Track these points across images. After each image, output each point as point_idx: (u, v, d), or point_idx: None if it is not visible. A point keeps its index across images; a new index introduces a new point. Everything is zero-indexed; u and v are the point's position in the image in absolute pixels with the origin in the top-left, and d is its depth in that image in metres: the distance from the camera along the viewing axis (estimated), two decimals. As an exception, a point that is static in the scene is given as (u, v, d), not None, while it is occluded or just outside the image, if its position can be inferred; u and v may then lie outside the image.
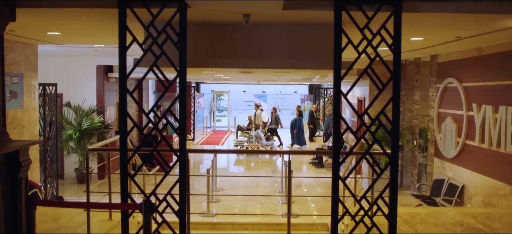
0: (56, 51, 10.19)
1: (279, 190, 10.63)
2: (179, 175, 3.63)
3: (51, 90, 8.93)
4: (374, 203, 3.59)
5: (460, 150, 7.47)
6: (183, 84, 3.52)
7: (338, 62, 3.45)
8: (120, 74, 3.50)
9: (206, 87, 30.46)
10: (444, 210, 6.17)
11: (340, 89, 3.46)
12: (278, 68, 4.35)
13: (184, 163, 3.65)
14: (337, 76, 3.45)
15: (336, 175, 3.50)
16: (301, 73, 6.06)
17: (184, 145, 3.61)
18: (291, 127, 17.97)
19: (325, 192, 10.74)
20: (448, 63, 8.01)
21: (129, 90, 3.55)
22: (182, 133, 3.53)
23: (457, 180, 7.59)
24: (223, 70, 5.63)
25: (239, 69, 5.27)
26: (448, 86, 7.97)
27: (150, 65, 3.50)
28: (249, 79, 17.31)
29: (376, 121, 3.53)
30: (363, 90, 12.52)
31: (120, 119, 3.62)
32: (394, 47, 3.47)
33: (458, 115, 7.59)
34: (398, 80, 3.49)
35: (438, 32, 5.27)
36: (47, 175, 9.09)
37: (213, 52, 4.26)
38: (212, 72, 6.07)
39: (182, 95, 3.52)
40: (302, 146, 17.34)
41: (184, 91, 3.53)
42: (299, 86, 30.39)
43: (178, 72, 3.49)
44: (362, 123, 3.51)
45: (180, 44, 3.47)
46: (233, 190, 10.79)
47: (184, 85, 3.52)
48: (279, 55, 4.21)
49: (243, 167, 14.58)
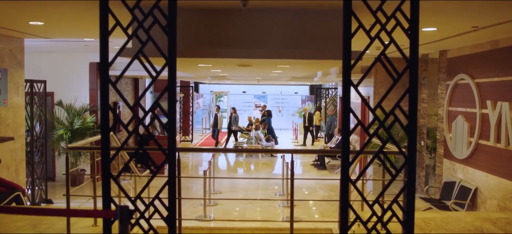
0: (47, 47, 9.83)
1: (280, 192, 10.25)
2: (168, 177, 3.25)
3: (40, 88, 8.55)
4: (389, 208, 3.21)
5: (472, 150, 7.09)
6: (172, 74, 3.15)
7: (347, 49, 3.07)
8: (101, 62, 3.12)
9: (205, 87, 30.15)
10: (459, 215, 5.79)
11: (349, 79, 3.09)
12: (278, 58, 3.99)
13: (174, 164, 3.27)
14: (347, 65, 3.07)
15: (346, 177, 3.12)
16: (303, 66, 5.67)
17: (174, 143, 3.24)
18: None
19: (328, 195, 10.36)
20: (459, 58, 7.64)
21: (111, 81, 3.18)
22: (171, 129, 3.16)
23: (469, 182, 7.21)
24: (220, 63, 5.25)
25: (237, 62, 4.90)
26: (459, 83, 7.60)
27: (135, 52, 3.13)
28: (249, 79, 16.94)
29: (391, 115, 3.15)
30: (367, 89, 12.13)
31: (102, 113, 3.25)
32: (411, 31, 3.10)
33: (471, 113, 7.21)
34: (416, 69, 3.12)
35: (454, 21, 4.91)
36: (37, 177, 8.72)
37: (207, 41, 3.89)
38: (208, 66, 5.69)
39: (171, 87, 3.15)
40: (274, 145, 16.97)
41: (174, 82, 3.16)
42: (300, 87, 30.08)
43: (167, 60, 3.12)
44: (375, 118, 3.14)
45: (169, 29, 3.10)
46: (231, 193, 10.41)
47: (174, 76, 3.15)
48: (280, 45, 3.85)
49: (242, 168, 14.20)
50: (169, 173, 3.29)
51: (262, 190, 10.88)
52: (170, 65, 3.15)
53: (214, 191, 10.16)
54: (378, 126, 3.22)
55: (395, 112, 3.20)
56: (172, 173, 3.30)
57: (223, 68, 6.84)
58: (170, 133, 3.20)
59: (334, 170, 13.58)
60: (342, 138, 3.07)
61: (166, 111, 3.16)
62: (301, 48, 3.84)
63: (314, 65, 5.01)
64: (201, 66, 5.63)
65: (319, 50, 3.85)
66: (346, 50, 3.12)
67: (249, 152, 16.15)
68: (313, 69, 6.33)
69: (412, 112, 3.23)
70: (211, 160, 9.64)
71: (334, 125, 17.42)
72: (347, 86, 3.12)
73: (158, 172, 3.29)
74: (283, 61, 4.58)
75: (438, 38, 6.41)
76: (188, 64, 5.26)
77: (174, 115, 3.30)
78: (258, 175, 13.07)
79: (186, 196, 10.04)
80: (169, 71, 3.15)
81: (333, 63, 4.69)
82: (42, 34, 6.54)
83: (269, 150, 15.05)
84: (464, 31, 5.65)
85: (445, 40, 6.84)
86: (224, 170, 13.87)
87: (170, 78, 3.16)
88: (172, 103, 3.24)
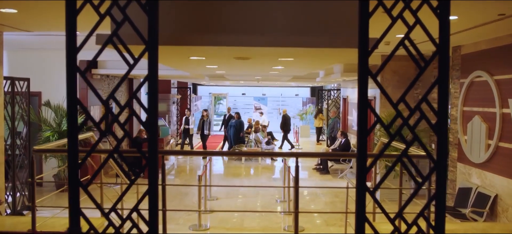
0: (36, 44, 9.37)
1: (281, 198, 9.75)
2: (149, 185, 2.76)
3: (22, 87, 8.05)
4: (414, 223, 2.72)
5: (491, 153, 6.60)
6: (153, 62, 2.66)
7: (364, 31, 2.59)
8: (67, 47, 2.63)
9: (204, 89, 29.74)
10: (484, 226, 5.30)
11: (367, 68, 2.60)
12: (282, 46, 3.50)
13: (155, 169, 2.77)
14: (363, 51, 2.59)
15: (363, 186, 2.64)
16: (308, 59, 5.16)
17: (155, 145, 2.74)
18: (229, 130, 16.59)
19: (331, 202, 9.86)
20: (475, 54, 7.16)
21: (80, 70, 2.69)
22: (151, 129, 2.67)
23: (487, 188, 6.71)
24: (214, 54, 4.76)
25: (233, 53, 4.42)
26: (475, 81, 7.12)
27: (109, 36, 2.65)
28: (248, 79, 16.43)
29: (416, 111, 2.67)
30: (373, 90, 11.65)
31: (68, 110, 2.76)
32: (441, 9, 2.63)
33: (489, 113, 6.72)
34: (446, 54, 2.64)
35: (478, 6, 4.43)
36: (21, 182, 8.22)
37: (199, 27, 3.41)
38: (201, 59, 5.20)
39: (152, 77, 2.66)
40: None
41: (155, 72, 2.66)
42: (301, 89, 29.67)
43: (147, 45, 2.63)
44: (397, 114, 2.66)
45: (149, 7, 2.62)
46: (229, 198, 9.91)
47: (155, 64, 2.65)
48: (284, 31, 3.36)
49: (241, 172, 13.69)
50: (150, 180, 2.78)
51: (262, 196, 10.39)
52: (151, 51, 2.65)
53: (210, 196, 9.66)
54: (401, 125, 2.73)
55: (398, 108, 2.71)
56: (153, 181, 2.79)
57: (219, 63, 6.34)
58: (151, 133, 2.70)
59: (337, 174, 13.07)
60: (358, 138, 2.58)
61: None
62: (308, 35, 3.36)
63: (322, 56, 4.51)
64: (193, 59, 5.14)
65: (329, 37, 3.36)
66: (363, 33, 2.62)
67: (246, 155, 15.61)
68: (319, 62, 5.82)
69: (442, 108, 2.73)
70: (207, 164, 9.14)
71: (337, 127, 16.94)
72: (364, 76, 2.62)
73: (136, 179, 2.81)
74: (286, 51, 4.08)
75: (457, 29, 5.93)
76: (178, 56, 4.78)
77: (155, 112, 2.80)
78: (258, 179, 12.56)
79: (180, 202, 9.55)
80: (150, 59, 2.65)
81: (344, 54, 4.18)
82: (19, 25, 6.06)
83: (270, 153, 14.52)
84: (488, 21, 5.18)
85: (461, 33, 6.37)
86: (222, 174, 13.36)
87: (151, 67, 2.65)
88: (153, 98, 2.73)
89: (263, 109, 28.25)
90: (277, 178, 12.76)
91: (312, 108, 26.13)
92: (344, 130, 15.05)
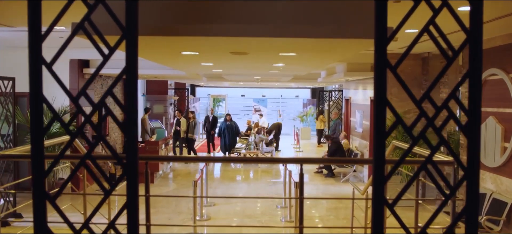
0: (23, 41, 8.99)
1: (282, 204, 9.36)
2: (127, 197, 2.38)
3: (7, 87, 7.67)
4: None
5: (508, 157, 6.22)
6: (132, 52, 2.28)
7: (381, 14, 2.23)
8: (30, 33, 2.26)
9: (202, 91, 29.39)
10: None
11: (385, 58, 2.22)
12: (284, 36, 3.13)
13: (135, 178, 2.39)
14: (381, 38, 2.21)
15: (380, 199, 2.26)
16: (313, 54, 4.78)
17: (134, 149, 2.36)
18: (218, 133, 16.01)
19: (335, 207, 9.47)
20: (489, 51, 6.78)
21: (45, 62, 2.32)
22: (129, 130, 2.29)
23: (504, 194, 6.33)
24: (208, 48, 4.37)
25: (229, 46, 4.04)
26: (489, 79, 6.74)
27: (80, 21, 2.27)
28: (247, 79, 16.04)
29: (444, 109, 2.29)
30: (377, 89, 11.27)
31: (32, 108, 2.39)
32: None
33: (506, 114, 6.34)
34: (479, 41, 2.27)
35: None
36: (6, 188, 7.82)
37: (190, 15, 3.03)
38: (194, 54, 4.81)
39: (131, 70, 2.28)
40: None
41: (134, 63, 2.27)
42: (301, 90, 29.32)
43: (124, 32, 2.26)
44: (421, 113, 2.28)
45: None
46: (227, 204, 9.53)
47: (133, 54, 2.27)
48: (286, 19, 2.99)
49: (240, 176, 13.30)
50: (129, 191, 2.40)
51: (262, 201, 10.01)
52: (129, 39, 2.27)
53: (207, 202, 9.27)
54: (425, 126, 2.35)
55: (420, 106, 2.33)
56: (132, 192, 2.41)
57: (215, 60, 5.94)
58: (129, 136, 2.32)
59: (340, 178, 12.67)
60: (375, 142, 2.20)
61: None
62: (312, 23, 2.99)
63: (327, 49, 4.12)
64: (186, 55, 4.75)
65: (336, 26, 2.99)
66: (380, 17, 2.24)
67: (248, 161, 15.14)
68: (323, 57, 5.42)
69: (474, 106, 2.35)
70: (204, 168, 8.77)
71: (339, 129, 16.56)
72: (382, 68, 2.23)
73: (113, 190, 2.42)
74: (288, 43, 3.69)
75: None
76: (169, 51, 4.41)
77: (134, 110, 2.42)
78: (258, 182, 12.17)
79: (176, 207, 9.16)
80: (128, 48, 2.26)
81: (352, 45, 3.80)
82: (1, 20, 5.68)
83: (273, 159, 14.04)
84: (504, 14, 4.80)
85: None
86: (219, 178, 12.96)
87: (129, 57, 2.26)
88: (131, 94, 2.35)
89: (262, 111, 27.89)
90: (277, 181, 12.35)
91: (313, 110, 25.78)
92: (345, 132, 14.66)
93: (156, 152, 11.63)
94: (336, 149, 13.11)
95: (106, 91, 2.28)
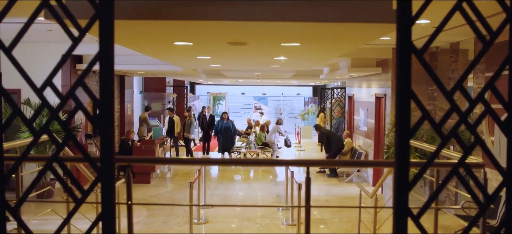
0: (13, 34, 8.64)
1: (284, 207, 9.02)
2: (102, 207, 2.03)
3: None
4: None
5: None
6: (107, 35, 1.93)
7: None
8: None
9: (202, 89, 29.10)
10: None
11: (409, 39, 1.87)
12: (287, 20, 2.77)
13: (111, 183, 2.05)
14: (405, 17, 1.87)
15: (403, 208, 1.91)
16: (320, 44, 4.40)
17: (110, 151, 2.00)
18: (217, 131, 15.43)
19: (338, 210, 9.12)
20: (505, 43, 6.40)
21: (4, 46, 1.97)
22: (105, 128, 1.93)
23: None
24: (202, 38, 4.02)
25: (226, 36, 3.69)
26: (505, 75, 6.38)
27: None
28: (247, 75, 15.68)
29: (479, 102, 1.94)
30: (383, 86, 10.91)
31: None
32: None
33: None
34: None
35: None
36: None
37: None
38: (187, 45, 4.45)
39: (107, 55, 1.93)
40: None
41: (108, 49, 1.92)
42: (303, 88, 29.03)
43: (98, 10, 1.91)
44: (452, 107, 1.94)
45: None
46: (226, 208, 9.19)
47: (108, 38, 1.92)
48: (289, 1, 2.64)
49: (239, 176, 12.95)
50: (104, 199, 2.04)
51: (262, 203, 9.67)
52: (102, 19, 1.92)
53: (204, 203, 8.93)
54: (458, 122, 2.01)
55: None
56: (107, 200, 2.05)
57: (211, 52, 5.57)
58: (103, 133, 1.96)
59: (343, 178, 12.33)
60: (398, 141, 1.85)
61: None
62: (321, 5, 2.63)
63: (335, 38, 3.76)
64: (178, 46, 4.40)
65: (346, 8, 2.64)
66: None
67: (254, 164, 14.67)
68: (328, 49, 5.06)
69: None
70: (201, 169, 8.43)
71: (342, 128, 16.22)
72: (406, 52, 1.88)
73: (84, 199, 2.07)
74: (291, 30, 3.33)
75: (492, 12, 5.19)
76: (159, 41, 4.06)
77: (110, 104, 2.07)
78: (258, 183, 11.84)
79: (171, 211, 8.83)
80: (102, 29, 1.91)
81: (369, 31, 3.43)
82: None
83: (280, 162, 13.61)
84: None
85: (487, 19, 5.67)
86: (218, 179, 12.62)
87: (103, 40, 1.91)
88: (106, 83, 2.00)
89: (263, 109, 27.58)
90: (279, 182, 11.99)
91: (314, 108, 25.47)
92: (349, 131, 14.32)
93: (152, 151, 11.29)
94: (328, 140, 12.92)
95: (76, 81, 1.90)
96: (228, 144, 15.24)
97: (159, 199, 9.77)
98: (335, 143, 12.81)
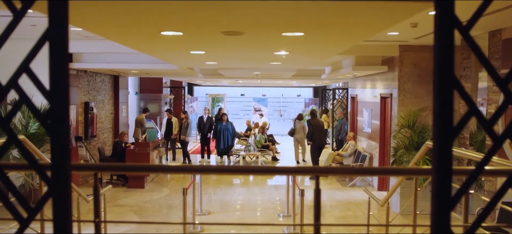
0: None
1: (284, 213, 8.60)
2: (54, 224, 1.62)
3: (-27, 80, 6.92)
4: None
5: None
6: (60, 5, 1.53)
7: None
8: None
9: (200, 90, 28.75)
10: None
11: (453, 13, 1.49)
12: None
13: (65, 198, 1.64)
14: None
15: (445, 228, 1.51)
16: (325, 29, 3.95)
17: (66, 155, 1.59)
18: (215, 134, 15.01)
19: (343, 216, 8.73)
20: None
21: None
22: (56, 124, 1.53)
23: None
24: (193, 26, 3.61)
25: (221, 27, 3.28)
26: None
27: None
28: (246, 75, 15.27)
29: None
30: (389, 85, 10.49)
31: None
32: None
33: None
34: None
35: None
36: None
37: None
38: (177, 35, 4.04)
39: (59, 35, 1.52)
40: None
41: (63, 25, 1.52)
42: (303, 89, 28.68)
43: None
44: (507, 99, 1.54)
45: None
46: (224, 212, 8.77)
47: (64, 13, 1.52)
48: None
49: (238, 180, 12.52)
50: (56, 220, 1.64)
51: (262, 208, 9.26)
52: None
53: (201, 211, 8.51)
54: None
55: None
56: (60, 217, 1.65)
57: (204, 43, 5.10)
58: (53, 133, 1.55)
59: (346, 182, 11.90)
60: (437, 142, 1.45)
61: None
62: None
63: (343, 26, 3.34)
64: (167, 36, 3.99)
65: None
66: None
67: (258, 173, 14.15)
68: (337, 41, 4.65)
69: None
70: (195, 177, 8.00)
71: (345, 129, 15.81)
72: (448, 29, 1.48)
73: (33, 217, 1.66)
74: (294, 13, 2.91)
75: (496, 8, 4.82)
76: (144, 29, 3.65)
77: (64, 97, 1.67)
78: (258, 188, 11.41)
79: (165, 217, 8.42)
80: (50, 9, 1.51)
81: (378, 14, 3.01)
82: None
83: (286, 170, 13.10)
84: None
85: (501, 12, 5.29)
86: (214, 183, 12.19)
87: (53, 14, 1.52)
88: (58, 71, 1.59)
89: (263, 111, 27.21)
90: (280, 185, 11.52)
91: (315, 109, 25.12)
92: (352, 133, 13.90)
93: (146, 154, 10.86)
94: (312, 133, 13.10)
95: (18, 67, 1.45)
96: (226, 146, 14.82)
97: (153, 205, 9.35)
98: (317, 139, 12.99)
